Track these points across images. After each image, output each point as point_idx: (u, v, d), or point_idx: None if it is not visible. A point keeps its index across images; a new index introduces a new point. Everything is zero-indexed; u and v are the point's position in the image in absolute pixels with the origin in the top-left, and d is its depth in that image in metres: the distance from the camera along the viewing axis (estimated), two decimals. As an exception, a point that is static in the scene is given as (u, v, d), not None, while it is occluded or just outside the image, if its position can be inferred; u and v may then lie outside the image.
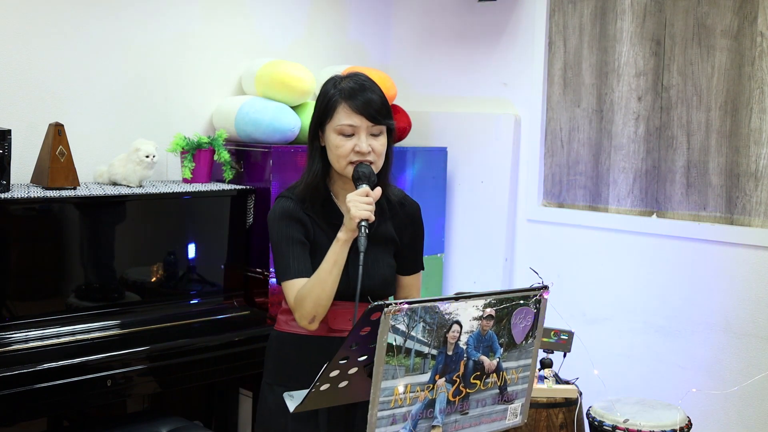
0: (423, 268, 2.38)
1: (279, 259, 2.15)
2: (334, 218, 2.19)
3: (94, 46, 3.38)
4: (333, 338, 2.17)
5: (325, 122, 2.16)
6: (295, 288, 2.11)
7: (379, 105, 2.15)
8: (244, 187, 3.42)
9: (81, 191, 3.01)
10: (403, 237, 2.30)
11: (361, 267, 2.02)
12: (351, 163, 2.13)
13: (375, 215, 2.11)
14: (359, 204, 2.04)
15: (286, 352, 2.24)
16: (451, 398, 1.80)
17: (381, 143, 2.17)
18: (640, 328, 3.62)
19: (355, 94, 2.13)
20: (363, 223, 2.04)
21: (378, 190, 2.10)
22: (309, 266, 2.13)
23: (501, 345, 1.85)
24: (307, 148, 2.23)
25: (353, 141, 2.13)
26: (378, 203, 2.13)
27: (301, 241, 2.15)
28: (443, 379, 1.77)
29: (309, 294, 2.08)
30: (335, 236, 2.13)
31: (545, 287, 1.91)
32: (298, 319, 2.11)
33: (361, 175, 2.11)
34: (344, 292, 2.13)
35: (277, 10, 4.00)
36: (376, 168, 2.17)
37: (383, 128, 2.17)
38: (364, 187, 2.08)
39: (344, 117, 2.13)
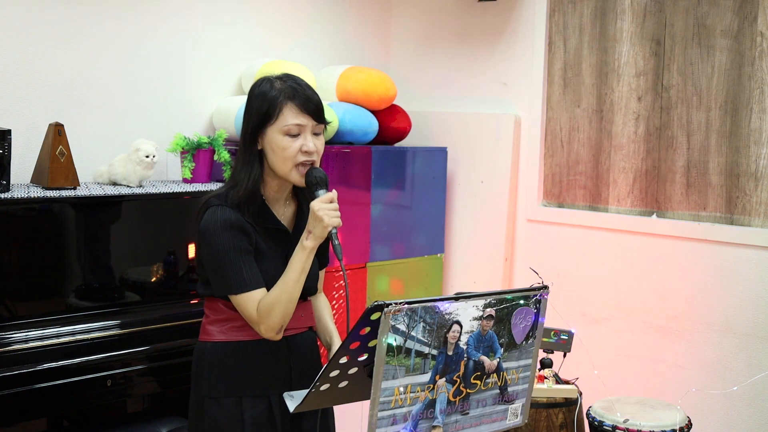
0: (328, 262, 2.35)
1: (230, 271, 2.06)
2: (270, 223, 2.15)
3: (95, 46, 3.38)
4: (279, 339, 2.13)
5: (267, 124, 2.09)
6: (254, 300, 2.05)
7: (320, 104, 2.13)
8: (244, 187, 3.41)
9: (81, 191, 3.01)
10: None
11: (345, 273, 2.00)
12: (297, 164, 2.09)
13: (303, 215, 2.14)
14: (329, 212, 2.02)
15: (228, 362, 2.14)
16: (451, 398, 1.80)
17: (322, 142, 2.14)
18: (640, 328, 3.62)
19: (298, 94, 2.09)
20: (333, 231, 2.02)
21: (334, 193, 2.07)
22: (260, 276, 2.08)
23: (501, 345, 1.85)
24: (240, 153, 2.16)
25: (299, 141, 2.08)
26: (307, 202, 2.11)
27: (249, 250, 2.08)
28: (443, 379, 1.77)
29: (276, 305, 2.03)
30: (273, 241, 2.11)
31: (545, 287, 1.91)
32: (263, 331, 2.05)
33: (318, 180, 2.07)
34: None
35: (277, 11, 4.00)
36: None
37: (322, 127, 2.14)
38: (328, 194, 2.05)
39: (291, 117, 2.08)
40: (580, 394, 3.20)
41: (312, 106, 2.10)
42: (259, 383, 2.12)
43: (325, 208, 2.02)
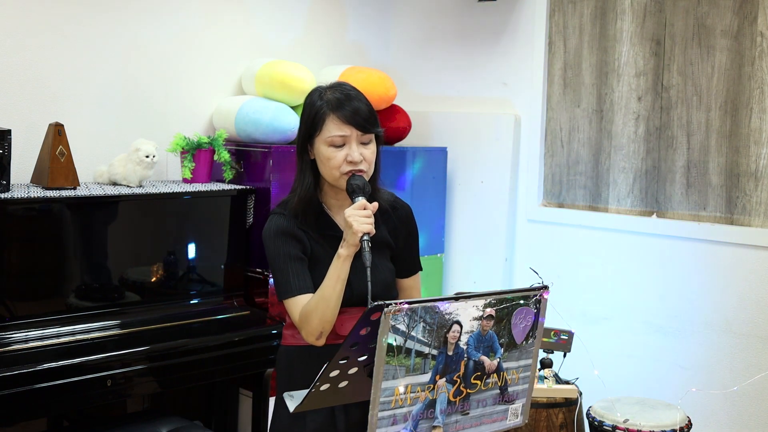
0: (421, 269, 2.39)
1: (278, 276, 2.14)
2: (329, 230, 2.20)
3: (95, 46, 3.38)
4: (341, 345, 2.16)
5: (314, 135, 2.15)
6: (298, 305, 2.11)
7: (366, 114, 2.16)
8: (244, 187, 3.42)
9: (81, 191, 3.01)
10: (398, 240, 2.30)
11: (369, 283, 2.01)
12: (344, 174, 2.13)
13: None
14: (359, 218, 2.04)
15: (295, 365, 2.22)
16: (451, 398, 1.80)
17: (371, 151, 2.18)
18: (640, 328, 3.62)
19: (342, 105, 2.13)
20: (365, 237, 2.04)
21: (375, 204, 2.11)
22: (310, 282, 2.13)
23: (501, 345, 1.85)
24: (297, 162, 2.23)
25: (344, 151, 2.13)
26: None
27: (299, 257, 2.14)
28: (444, 379, 1.77)
29: (314, 311, 2.07)
30: (331, 248, 2.13)
31: (545, 287, 1.90)
32: (305, 336, 2.11)
33: (355, 188, 2.11)
34: (349, 299, 2.13)
35: (277, 10, 4.00)
36: (368, 176, 2.18)
37: (372, 136, 2.19)
38: (362, 200, 2.08)
39: (334, 128, 2.13)
40: (580, 394, 3.21)
41: (356, 117, 2.13)
42: None
43: (356, 214, 2.05)
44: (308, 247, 2.16)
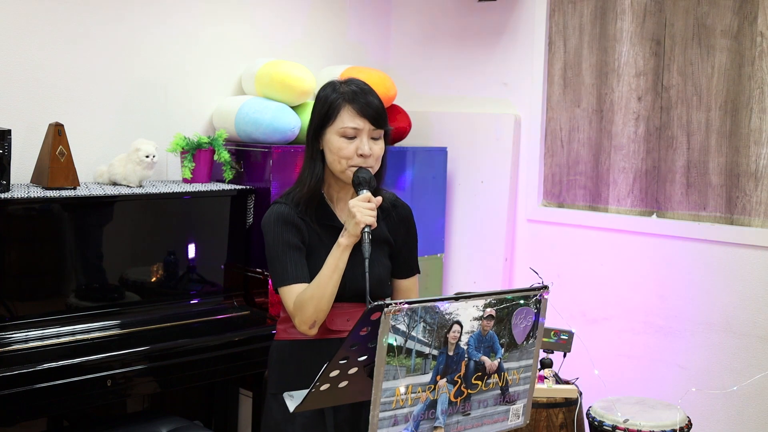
0: (419, 272, 2.40)
1: (276, 264, 2.16)
2: (328, 220, 2.22)
3: (95, 46, 3.38)
4: (332, 339, 2.17)
5: (327, 125, 2.18)
6: (293, 293, 2.12)
7: (380, 109, 2.19)
8: (244, 187, 3.42)
9: (81, 191, 3.01)
10: (397, 238, 2.32)
11: (367, 274, 2.03)
12: (351, 166, 2.16)
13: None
14: (363, 209, 2.07)
15: (287, 360, 2.24)
16: (452, 399, 1.80)
17: (380, 147, 2.21)
18: (640, 328, 3.62)
19: (358, 98, 2.17)
20: (366, 229, 2.06)
21: (379, 198, 2.14)
22: (306, 271, 2.15)
23: (502, 345, 1.85)
24: (305, 153, 2.25)
25: (355, 143, 2.16)
26: None
27: (298, 246, 2.16)
28: (444, 379, 1.77)
29: (309, 299, 2.09)
30: (329, 238, 2.15)
31: (545, 287, 1.91)
32: (298, 324, 2.12)
33: (361, 181, 2.14)
34: (342, 294, 2.15)
35: (277, 11, 4.00)
36: (374, 171, 2.20)
37: (382, 132, 2.21)
38: (366, 193, 2.11)
39: (348, 119, 2.15)
40: (580, 394, 3.21)
41: (370, 111, 2.16)
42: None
43: (360, 206, 2.07)
44: (306, 236, 2.19)
